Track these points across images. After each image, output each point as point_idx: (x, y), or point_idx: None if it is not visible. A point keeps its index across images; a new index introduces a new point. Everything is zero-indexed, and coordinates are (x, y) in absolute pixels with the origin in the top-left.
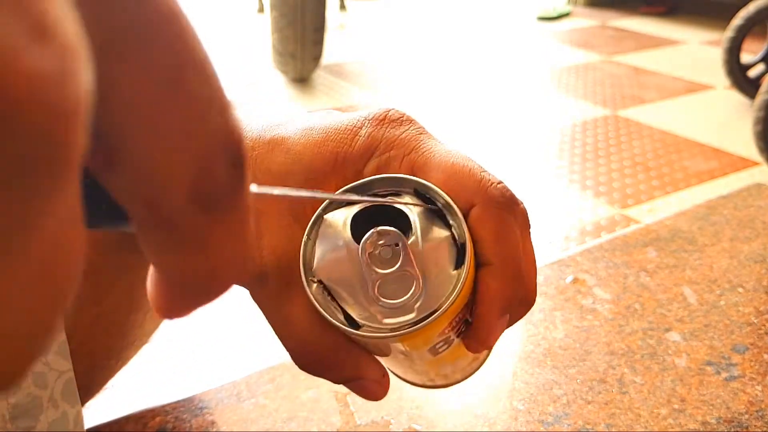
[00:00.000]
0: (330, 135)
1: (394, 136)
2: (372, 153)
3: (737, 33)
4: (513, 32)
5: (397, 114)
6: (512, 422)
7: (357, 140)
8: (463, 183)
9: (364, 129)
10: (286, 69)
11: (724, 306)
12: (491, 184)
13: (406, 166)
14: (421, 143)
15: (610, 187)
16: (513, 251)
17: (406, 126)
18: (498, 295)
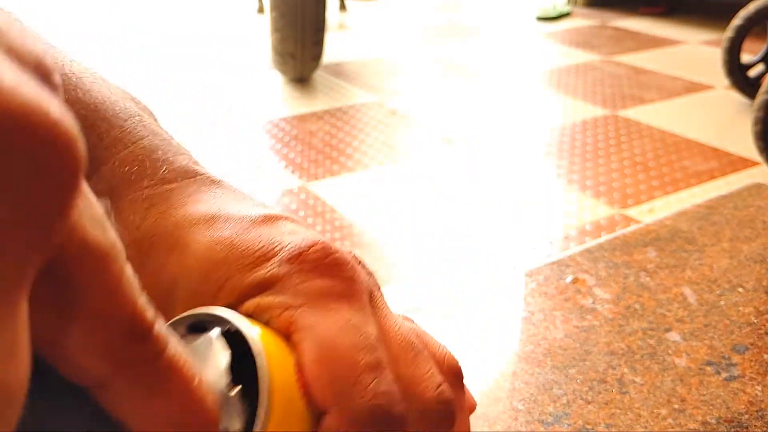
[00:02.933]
0: (231, 257)
1: (294, 281)
2: (263, 290)
3: (737, 33)
4: (513, 32)
5: (318, 254)
6: (512, 422)
7: (256, 272)
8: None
9: (271, 261)
10: (286, 69)
11: (724, 306)
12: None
13: (285, 319)
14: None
15: (610, 187)
16: None
17: (317, 274)
18: None
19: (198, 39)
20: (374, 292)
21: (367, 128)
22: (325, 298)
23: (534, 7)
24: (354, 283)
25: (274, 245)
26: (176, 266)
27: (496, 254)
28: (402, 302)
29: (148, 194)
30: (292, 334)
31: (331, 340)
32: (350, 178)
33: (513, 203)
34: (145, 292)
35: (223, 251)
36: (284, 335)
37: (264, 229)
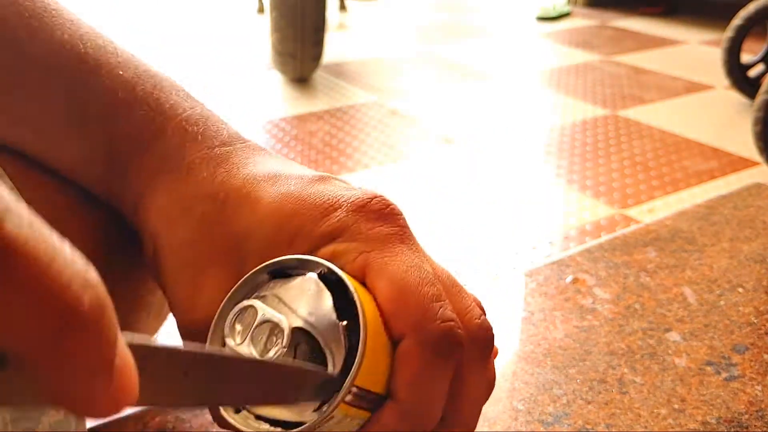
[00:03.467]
0: (301, 209)
1: (363, 228)
2: (335, 237)
3: (737, 33)
4: (513, 32)
5: (380, 205)
6: (512, 422)
7: (326, 221)
8: (405, 306)
9: (338, 212)
10: (286, 69)
11: (724, 306)
12: (434, 321)
13: (359, 262)
14: (387, 245)
15: (610, 187)
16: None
17: (382, 221)
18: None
19: (198, 39)
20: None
21: (367, 128)
22: (390, 242)
23: (534, 7)
24: (408, 229)
25: (338, 198)
26: (249, 218)
27: (496, 254)
28: None
29: (214, 154)
30: (366, 275)
31: (401, 278)
32: (350, 178)
33: (513, 203)
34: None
35: (292, 204)
36: (359, 276)
37: (323, 186)
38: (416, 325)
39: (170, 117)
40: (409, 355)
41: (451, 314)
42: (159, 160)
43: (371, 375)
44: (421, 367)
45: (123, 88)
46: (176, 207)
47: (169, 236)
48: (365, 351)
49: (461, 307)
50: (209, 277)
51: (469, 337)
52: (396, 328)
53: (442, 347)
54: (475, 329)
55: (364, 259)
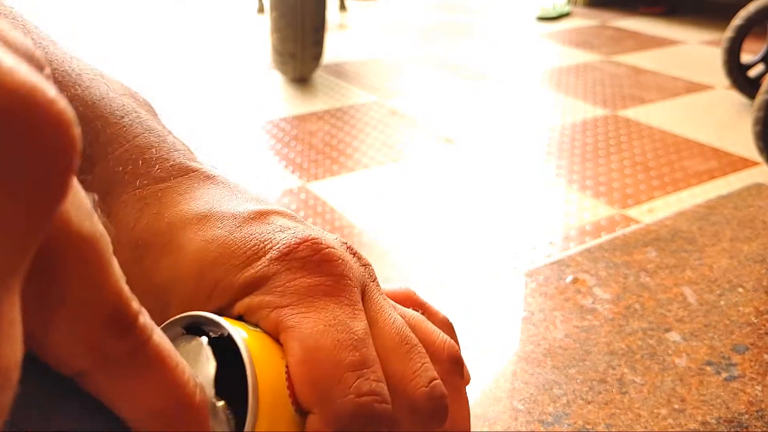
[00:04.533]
0: (223, 257)
1: (283, 280)
2: (253, 290)
3: (737, 33)
4: (513, 32)
5: (307, 251)
6: (512, 422)
7: (247, 271)
8: (314, 373)
9: (262, 260)
10: (286, 69)
11: (724, 306)
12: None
13: (273, 319)
14: (305, 299)
15: (610, 187)
16: None
17: (306, 271)
18: None
19: (198, 39)
20: (368, 285)
21: (367, 128)
22: (313, 296)
23: (534, 7)
24: (342, 278)
25: (264, 243)
26: (170, 268)
27: (496, 254)
28: None
29: (141, 195)
30: (279, 335)
31: (315, 339)
32: (350, 178)
33: (513, 203)
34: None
35: (215, 251)
36: (274, 336)
37: (255, 227)
38: (325, 397)
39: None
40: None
41: (371, 385)
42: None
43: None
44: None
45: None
46: None
47: None
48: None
49: (406, 373)
50: None
51: (411, 407)
52: (303, 399)
53: (354, 426)
54: (420, 399)
55: (276, 316)
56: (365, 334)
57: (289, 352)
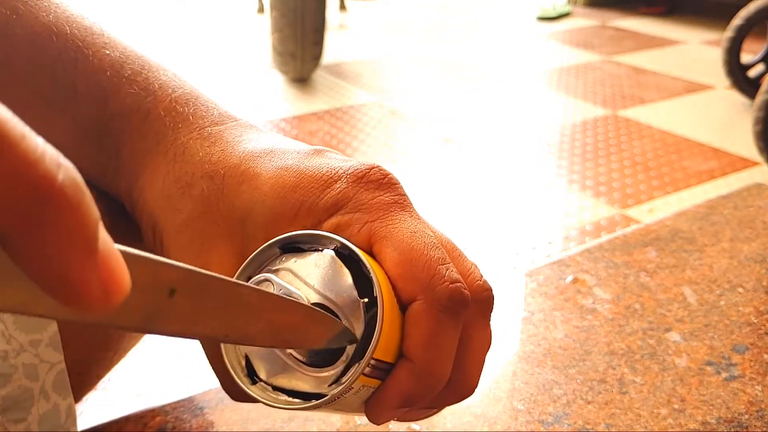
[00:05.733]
0: (302, 182)
1: (365, 198)
2: (338, 209)
3: (737, 33)
4: (513, 32)
5: (378, 175)
6: (512, 422)
7: (327, 193)
8: (413, 271)
9: (339, 184)
10: (286, 69)
11: (724, 306)
12: (442, 282)
13: (365, 232)
14: (390, 213)
15: (610, 187)
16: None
17: (382, 191)
18: (401, 389)
19: (198, 39)
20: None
21: (367, 128)
22: (392, 210)
23: (534, 7)
24: (407, 197)
25: (336, 169)
26: (250, 194)
27: (496, 254)
28: None
29: (208, 133)
30: (373, 245)
31: (408, 243)
32: None
33: (513, 203)
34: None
35: (293, 177)
36: (365, 246)
37: (320, 158)
38: (426, 287)
39: (160, 97)
40: (421, 317)
41: (457, 275)
42: (152, 141)
43: (386, 346)
44: (432, 327)
45: (111, 69)
46: (174, 187)
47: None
48: (383, 325)
49: (463, 270)
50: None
51: (473, 296)
52: (405, 292)
53: (451, 307)
54: (478, 289)
55: (368, 229)
56: (438, 238)
57: (386, 257)
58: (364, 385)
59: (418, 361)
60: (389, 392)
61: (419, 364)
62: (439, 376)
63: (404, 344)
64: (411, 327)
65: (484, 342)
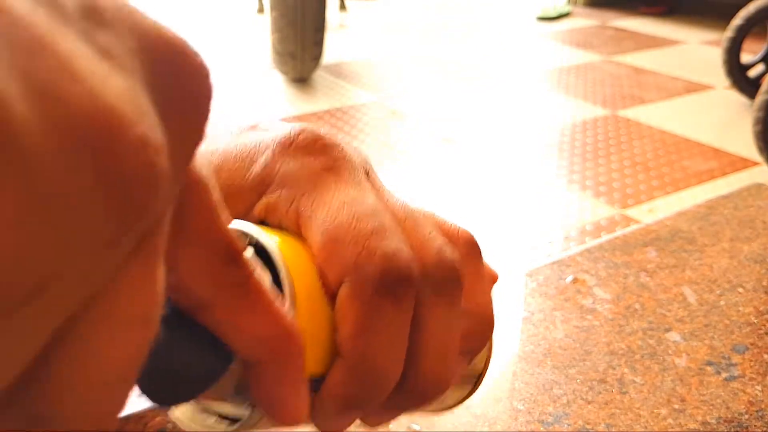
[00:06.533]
0: (227, 162)
1: (291, 170)
2: (265, 187)
3: (737, 33)
4: (513, 32)
5: (307, 139)
6: (512, 422)
7: (252, 170)
8: (339, 252)
9: (263, 157)
10: (286, 69)
11: (724, 306)
12: (372, 257)
13: (293, 213)
14: (317, 185)
15: (610, 187)
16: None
17: (312, 157)
18: (337, 392)
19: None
20: (370, 172)
21: (367, 128)
22: (321, 179)
23: (534, 7)
24: (346, 160)
25: (264, 140)
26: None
27: (496, 254)
28: None
29: None
30: (300, 227)
31: (333, 219)
32: None
33: (513, 203)
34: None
35: (218, 159)
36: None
37: (251, 134)
38: (352, 266)
39: None
40: (348, 303)
41: (396, 246)
42: None
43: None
44: (362, 312)
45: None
46: None
47: None
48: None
49: (417, 239)
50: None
51: (426, 270)
52: (332, 278)
53: (384, 285)
54: (433, 262)
55: (295, 208)
56: (378, 204)
57: (311, 242)
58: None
59: (350, 355)
60: (325, 397)
61: (351, 358)
62: (380, 371)
63: (336, 338)
64: (339, 317)
65: (444, 328)
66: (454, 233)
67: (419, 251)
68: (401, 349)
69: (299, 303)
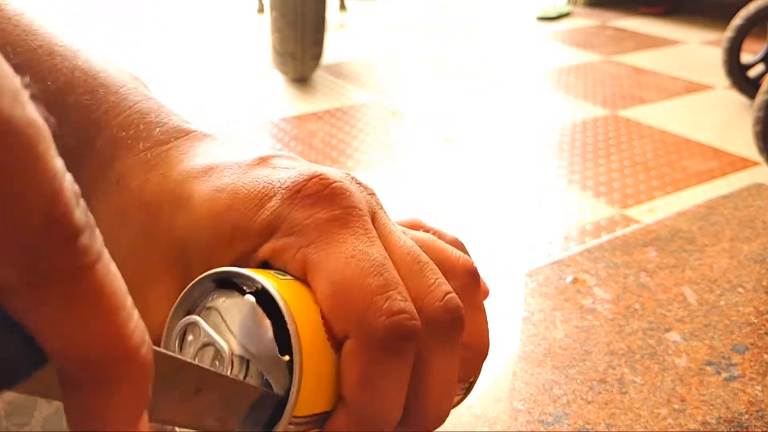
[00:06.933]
0: (235, 203)
1: (300, 217)
2: (272, 232)
3: (737, 33)
4: (513, 32)
5: (317, 186)
6: (512, 422)
7: (261, 214)
8: (345, 304)
9: (273, 201)
10: (286, 69)
11: (724, 306)
12: (378, 316)
13: (299, 259)
14: (327, 234)
15: (610, 187)
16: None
17: (320, 206)
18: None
19: (198, 39)
20: (377, 212)
21: (367, 128)
22: (330, 230)
23: (534, 7)
24: (354, 209)
25: (272, 183)
26: (185, 220)
27: (496, 254)
28: None
29: (146, 158)
30: (307, 274)
31: (340, 272)
32: None
33: (513, 203)
34: (160, 251)
35: (226, 198)
36: (302, 277)
37: (260, 171)
38: (359, 323)
39: (103, 124)
40: (354, 357)
41: (400, 305)
42: (95, 170)
43: (314, 399)
44: (367, 367)
45: (58, 90)
46: (114, 219)
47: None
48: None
49: (421, 289)
50: (151, 293)
51: (428, 322)
52: (338, 329)
53: (389, 344)
54: (436, 313)
55: (302, 256)
56: (385, 258)
57: (318, 291)
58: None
59: (355, 404)
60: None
61: (356, 407)
62: (382, 418)
63: (341, 386)
64: (344, 368)
65: (446, 370)
66: (455, 263)
67: (425, 299)
68: (402, 395)
69: (304, 342)
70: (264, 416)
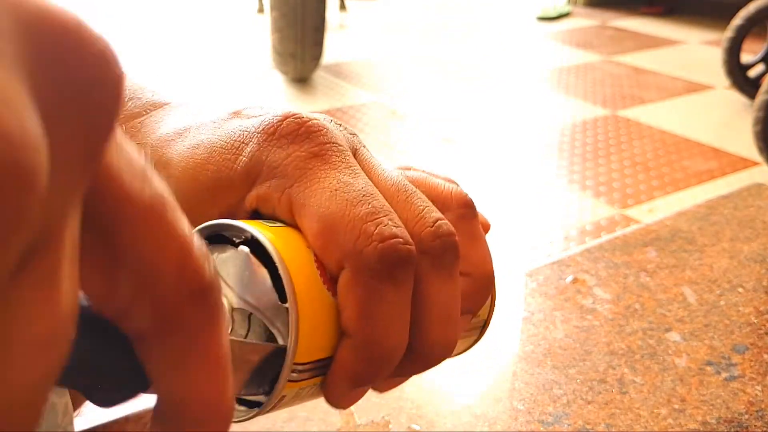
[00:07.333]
0: (213, 156)
1: (278, 159)
2: (255, 179)
3: (737, 33)
4: (513, 32)
5: (292, 125)
6: (512, 422)
7: (239, 162)
8: (336, 239)
9: (249, 146)
10: (286, 69)
11: (724, 306)
12: (369, 243)
13: (285, 202)
14: (308, 172)
15: (610, 187)
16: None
17: (297, 145)
18: (348, 371)
19: (198, 39)
20: (358, 149)
21: (367, 128)
22: (310, 167)
23: (534, 7)
24: (333, 144)
25: (248, 129)
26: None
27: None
28: None
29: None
30: (294, 217)
31: (326, 206)
32: None
33: (513, 203)
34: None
35: (203, 153)
36: (290, 217)
37: (235, 122)
38: (350, 252)
39: None
40: (350, 288)
41: (392, 230)
42: None
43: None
44: (364, 296)
45: None
46: None
47: None
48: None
49: (409, 218)
50: None
51: (421, 249)
52: (331, 265)
53: (384, 270)
54: (429, 237)
55: (287, 198)
56: (371, 187)
57: (306, 230)
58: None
59: (357, 336)
60: (336, 377)
61: (359, 339)
62: (387, 348)
63: (340, 320)
64: (342, 302)
65: (446, 298)
66: (448, 196)
67: (415, 227)
68: (404, 323)
69: (298, 285)
70: (271, 373)
